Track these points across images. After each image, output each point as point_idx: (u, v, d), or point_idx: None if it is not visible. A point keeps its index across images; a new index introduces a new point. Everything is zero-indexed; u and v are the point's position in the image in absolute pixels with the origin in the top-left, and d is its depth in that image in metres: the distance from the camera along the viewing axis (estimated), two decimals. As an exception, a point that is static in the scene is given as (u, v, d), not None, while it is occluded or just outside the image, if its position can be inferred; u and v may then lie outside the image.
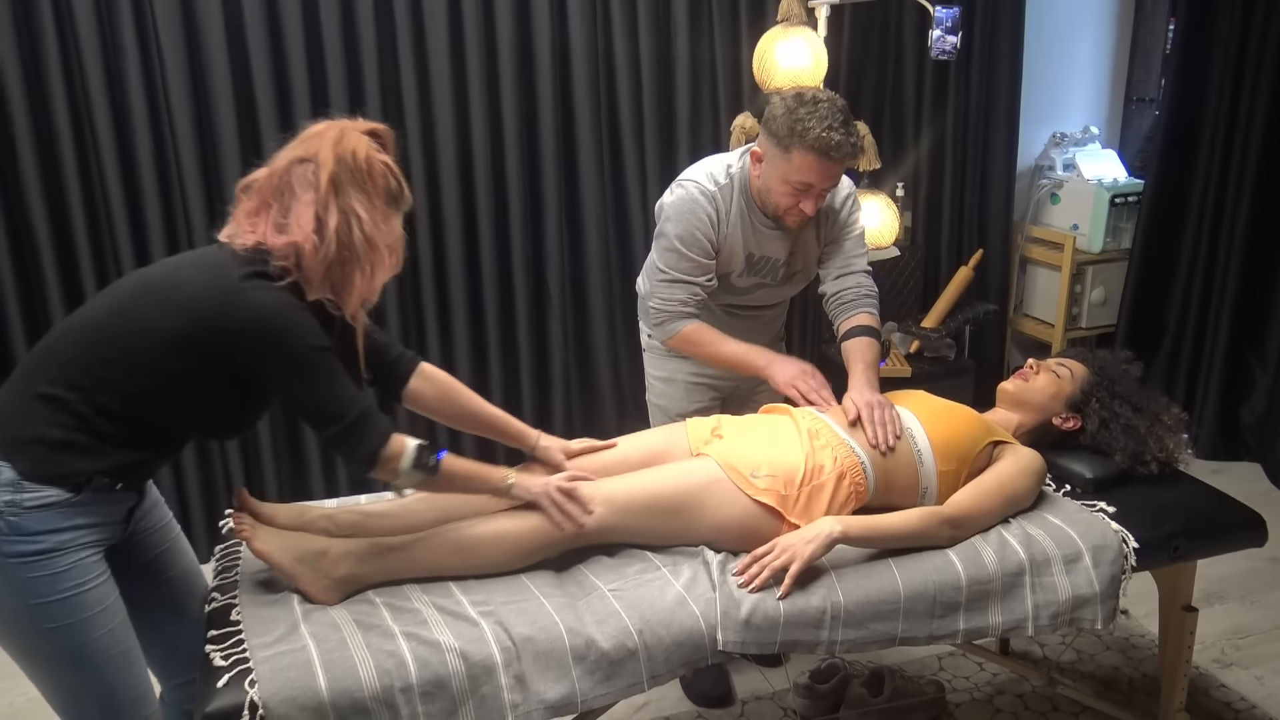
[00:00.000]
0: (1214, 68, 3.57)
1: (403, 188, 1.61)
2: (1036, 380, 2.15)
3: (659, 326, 2.25)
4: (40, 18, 2.69)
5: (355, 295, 1.58)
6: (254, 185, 1.57)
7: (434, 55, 3.04)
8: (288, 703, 1.45)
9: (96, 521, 1.53)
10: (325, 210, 1.51)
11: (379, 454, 1.57)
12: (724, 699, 2.45)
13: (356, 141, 1.55)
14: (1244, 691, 2.45)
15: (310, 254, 1.51)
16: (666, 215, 2.19)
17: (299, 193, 1.52)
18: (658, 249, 2.22)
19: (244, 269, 1.49)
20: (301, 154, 1.54)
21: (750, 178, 2.18)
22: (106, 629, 1.54)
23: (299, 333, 1.50)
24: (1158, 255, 3.76)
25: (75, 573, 1.49)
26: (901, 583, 1.73)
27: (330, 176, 1.51)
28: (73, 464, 1.48)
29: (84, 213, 2.86)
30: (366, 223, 1.53)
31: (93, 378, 1.47)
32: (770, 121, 2.06)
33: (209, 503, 3.15)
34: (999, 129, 3.74)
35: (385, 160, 1.58)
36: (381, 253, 1.57)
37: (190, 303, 1.47)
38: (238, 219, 1.57)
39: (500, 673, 1.54)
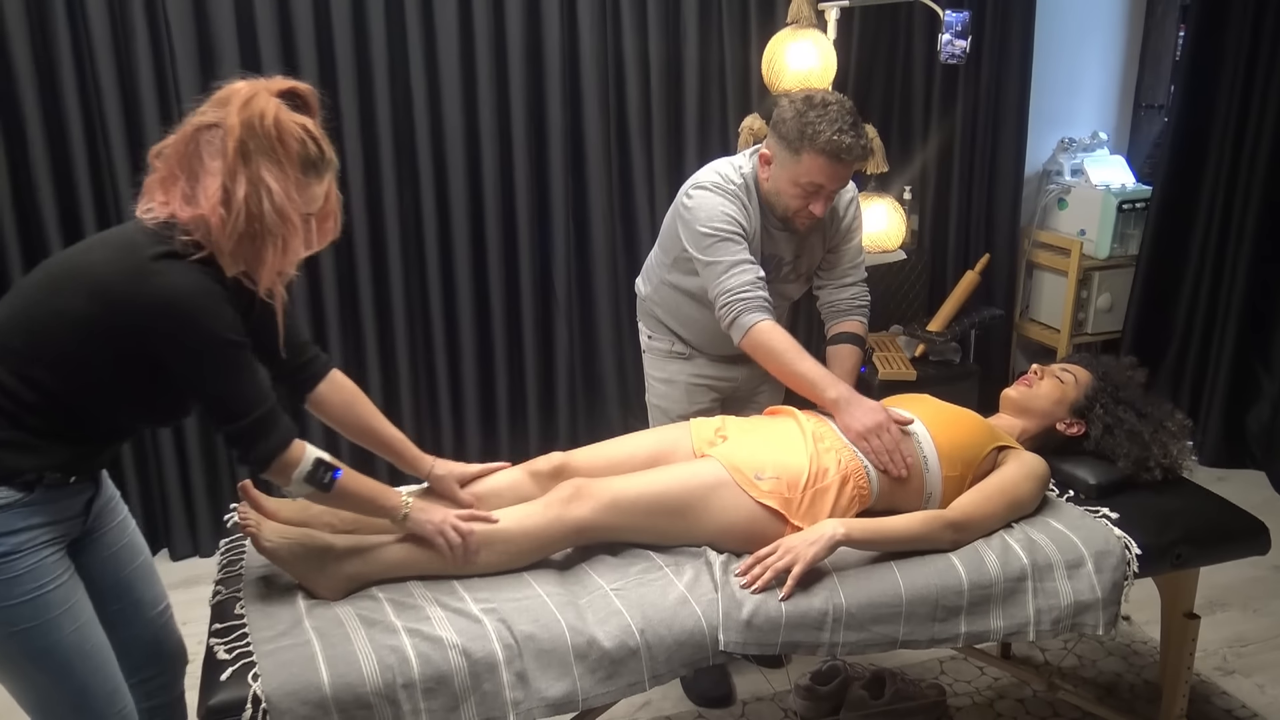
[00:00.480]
0: (1223, 75, 3.56)
1: (323, 151, 1.50)
2: (1041, 386, 2.15)
3: (734, 321, 2.08)
4: (53, 14, 2.71)
5: (268, 270, 1.48)
6: (164, 152, 1.48)
7: (444, 56, 3.05)
8: (290, 697, 1.46)
9: (54, 519, 1.49)
10: (233, 180, 1.41)
11: (276, 458, 1.51)
12: (724, 699, 2.45)
13: (265, 104, 1.43)
14: (1245, 699, 2.45)
15: (218, 227, 1.42)
16: (696, 218, 2.13)
17: (206, 161, 1.43)
18: (702, 248, 2.12)
19: (156, 247, 1.41)
20: (210, 119, 1.44)
21: (759, 179, 2.17)
22: (73, 627, 1.50)
23: (210, 322, 1.42)
24: (1165, 262, 3.75)
25: (37, 573, 1.45)
26: (903, 586, 1.74)
27: (237, 144, 1.41)
28: (16, 462, 1.43)
29: (93, 203, 2.87)
30: (277, 193, 1.43)
31: (15, 374, 1.42)
32: (779, 124, 2.06)
33: (213, 497, 3.16)
34: (1007, 133, 3.74)
35: (301, 123, 1.47)
36: (294, 224, 1.47)
37: (99, 285, 1.40)
38: (150, 189, 1.48)
39: (502, 670, 1.55)
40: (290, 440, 1.53)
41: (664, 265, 2.34)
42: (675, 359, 2.41)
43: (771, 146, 2.11)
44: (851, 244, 2.35)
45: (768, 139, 2.12)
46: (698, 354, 2.40)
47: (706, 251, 2.13)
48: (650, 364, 2.48)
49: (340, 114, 3.00)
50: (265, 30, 2.88)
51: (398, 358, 3.27)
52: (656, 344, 2.43)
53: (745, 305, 2.08)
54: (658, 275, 2.38)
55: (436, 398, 3.36)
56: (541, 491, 1.84)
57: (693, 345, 2.40)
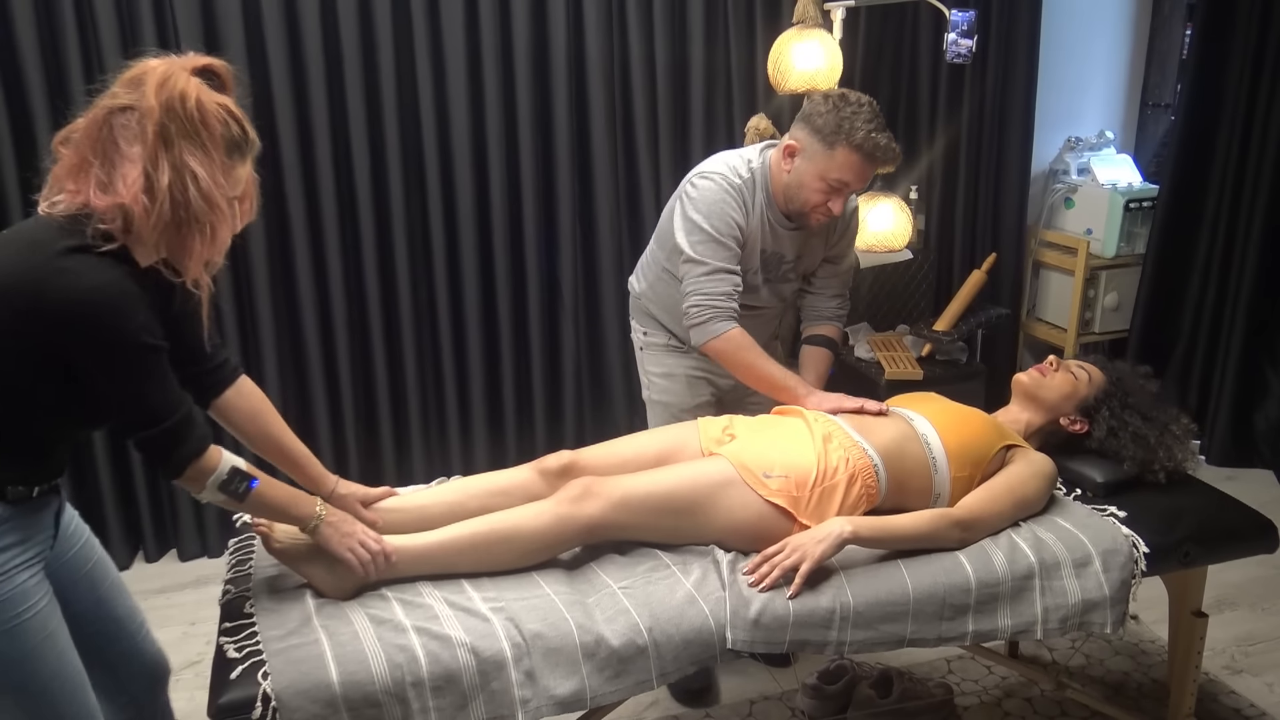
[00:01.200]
0: (1230, 73, 3.56)
1: (246, 132, 1.42)
2: (1054, 377, 2.15)
3: (701, 326, 2.14)
4: (62, 14, 2.72)
5: (195, 260, 1.40)
6: (73, 138, 1.38)
7: (450, 59, 3.06)
8: (300, 695, 1.47)
9: (26, 536, 1.43)
10: (155, 167, 1.33)
11: (190, 465, 1.44)
12: (704, 692, 2.44)
13: (185, 84, 1.35)
14: (1254, 698, 2.45)
15: (141, 216, 1.33)
16: (697, 208, 2.14)
17: (123, 147, 1.34)
18: (691, 242, 2.14)
19: (63, 242, 1.32)
20: (124, 101, 1.35)
21: (775, 172, 2.17)
22: (55, 654, 1.45)
23: (123, 323, 1.33)
24: (1172, 261, 3.75)
25: (16, 599, 1.39)
26: (911, 584, 1.74)
27: (157, 128, 1.32)
28: None
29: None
30: (204, 179, 1.35)
31: None
32: (814, 116, 2.07)
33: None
34: (1014, 133, 3.73)
35: (222, 102, 1.39)
36: (223, 210, 1.40)
37: (3, 285, 1.31)
38: (57, 178, 1.38)
39: (510, 668, 1.56)
40: (205, 447, 1.46)
41: (662, 256, 2.32)
42: (673, 352, 2.41)
43: (801, 139, 2.10)
44: (850, 254, 2.41)
45: (796, 130, 2.12)
46: (694, 348, 2.38)
47: (695, 247, 2.14)
48: (648, 360, 2.47)
49: (348, 117, 3.01)
50: (273, 35, 2.89)
51: (404, 359, 3.28)
52: (654, 339, 2.43)
53: (719, 312, 2.13)
54: (655, 269, 2.37)
55: (443, 398, 3.36)
56: (550, 490, 1.84)
57: (688, 342, 2.34)
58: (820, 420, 1.98)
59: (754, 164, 2.19)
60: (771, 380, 2.17)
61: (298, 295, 3.11)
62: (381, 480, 3.25)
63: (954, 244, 3.81)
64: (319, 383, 3.18)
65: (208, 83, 1.40)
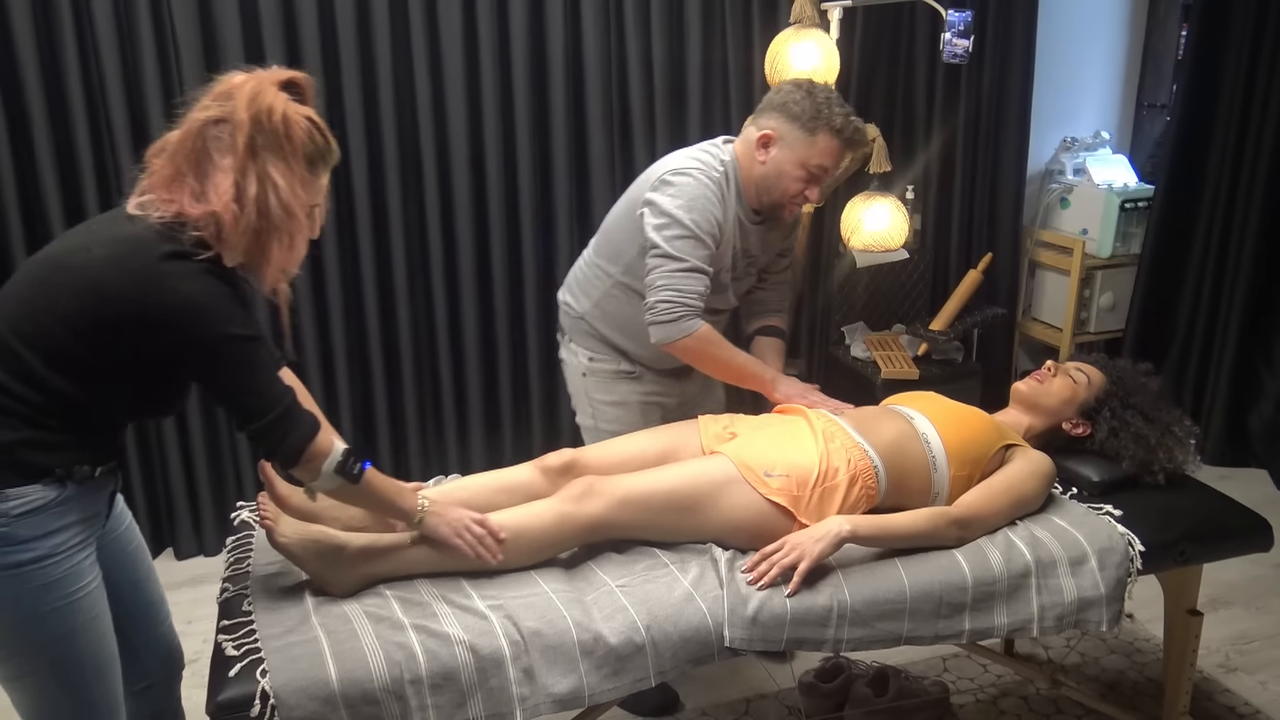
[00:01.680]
0: (1226, 74, 3.57)
1: (329, 144, 1.50)
2: (1053, 383, 2.15)
3: (671, 324, 2.05)
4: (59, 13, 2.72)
5: (273, 267, 1.47)
6: (167, 149, 1.45)
7: (448, 57, 3.06)
8: (299, 693, 1.47)
9: (84, 515, 1.48)
10: (244, 177, 1.41)
11: (304, 450, 1.49)
12: (670, 707, 2.42)
13: (273, 99, 1.42)
14: (1248, 696, 2.46)
15: (230, 224, 1.41)
16: (677, 203, 2.05)
17: (216, 158, 1.42)
18: (667, 237, 2.04)
19: (164, 247, 1.38)
20: (216, 114, 1.42)
21: (745, 165, 2.12)
22: (96, 635, 1.50)
23: (223, 323, 1.41)
24: (1167, 261, 3.76)
25: (72, 578, 1.45)
26: (908, 582, 1.74)
27: (246, 140, 1.40)
28: (44, 460, 1.42)
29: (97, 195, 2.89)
30: (284, 190, 1.43)
31: (13, 375, 1.39)
32: (790, 104, 2.06)
33: (218, 496, 3.18)
34: (1010, 133, 3.74)
35: (307, 115, 1.46)
36: (300, 220, 1.47)
37: (104, 284, 1.37)
38: (153, 187, 1.45)
39: (509, 666, 1.56)
40: (316, 431, 1.51)
41: (616, 270, 2.21)
42: (624, 379, 2.28)
43: (779, 127, 2.07)
44: (794, 247, 2.42)
45: (769, 120, 2.09)
46: (646, 370, 2.30)
47: (671, 242, 2.04)
48: (594, 388, 2.30)
49: (345, 117, 3.01)
50: (270, 35, 2.89)
51: (401, 359, 3.27)
52: (601, 365, 2.28)
53: (690, 310, 2.06)
54: (602, 285, 2.24)
55: (440, 398, 3.36)
56: (552, 487, 1.85)
57: (641, 362, 2.29)
58: (821, 420, 1.98)
59: (726, 161, 2.13)
60: (743, 370, 2.17)
61: (296, 295, 3.10)
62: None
63: (950, 244, 3.81)
64: (315, 382, 3.18)
65: (290, 95, 1.46)
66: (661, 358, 2.24)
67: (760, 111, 2.13)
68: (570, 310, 2.32)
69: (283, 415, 1.47)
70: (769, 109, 2.10)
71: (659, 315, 2.07)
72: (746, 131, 2.15)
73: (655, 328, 2.08)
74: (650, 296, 2.07)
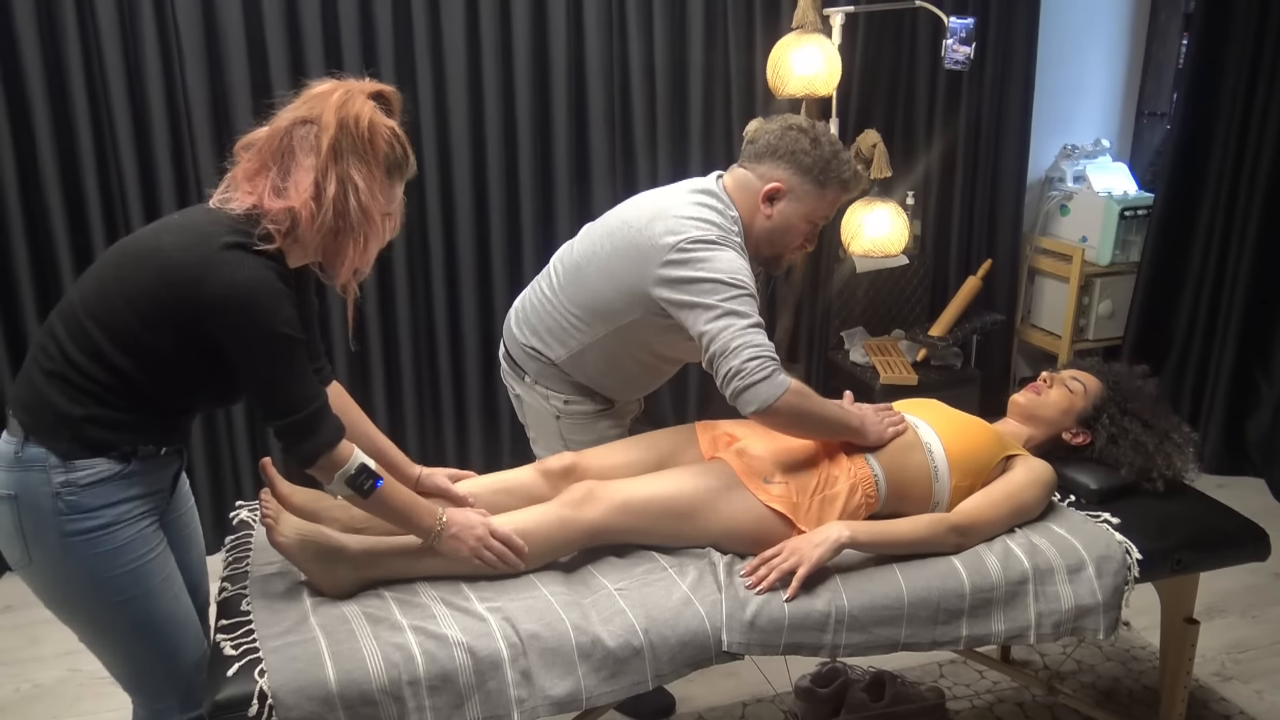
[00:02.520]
0: (1226, 83, 3.58)
1: (407, 154, 1.57)
2: (1049, 395, 2.15)
3: (767, 380, 1.77)
4: (62, 10, 2.72)
5: (347, 266, 1.55)
6: (254, 145, 1.53)
7: (450, 62, 3.07)
8: (296, 693, 1.47)
9: (149, 490, 1.56)
10: (324, 176, 1.47)
11: (325, 454, 1.54)
12: (666, 711, 2.42)
13: (361, 106, 1.50)
14: (1243, 705, 2.46)
15: (307, 220, 1.48)
16: (715, 270, 1.83)
17: (299, 156, 1.49)
18: (724, 299, 1.81)
19: (227, 237, 1.45)
20: (304, 115, 1.50)
21: (749, 215, 1.97)
22: (171, 595, 1.58)
23: (269, 317, 1.45)
24: (1166, 269, 3.76)
25: (137, 544, 1.53)
26: (906, 588, 1.75)
27: (331, 142, 1.47)
28: (110, 437, 1.49)
29: (100, 205, 2.89)
30: (363, 192, 1.49)
31: (85, 353, 1.47)
32: (800, 155, 1.91)
33: (217, 496, 3.18)
34: (1010, 140, 3.75)
35: (391, 126, 1.54)
36: (377, 223, 1.54)
37: (166, 268, 1.45)
38: (236, 179, 1.53)
39: (507, 668, 1.56)
40: (338, 440, 1.56)
41: (603, 330, 2.00)
42: (602, 417, 2.14)
43: (787, 179, 1.93)
44: None
45: (776, 171, 1.93)
46: (616, 404, 2.18)
47: (730, 301, 1.81)
48: (568, 429, 2.13)
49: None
50: (273, 37, 2.90)
51: (401, 361, 3.28)
52: (577, 407, 2.11)
53: (776, 365, 1.80)
54: (584, 337, 2.03)
55: (439, 401, 3.37)
56: (552, 491, 1.85)
57: (615, 399, 2.16)
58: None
59: (733, 214, 1.95)
60: (838, 420, 1.91)
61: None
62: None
63: (950, 250, 3.82)
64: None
65: (379, 105, 1.53)
66: (638, 390, 2.17)
67: (759, 157, 1.95)
68: (538, 356, 2.09)
69: (309, 417, 1.52)
70: (773, 157, 1.93)
71: (751, 376, 1.77)
72: (743, 178, 1.97)
73: (750, 391, 1.77)
74: (729, 361, 1.78)
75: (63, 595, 1.55)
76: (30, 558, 1.51)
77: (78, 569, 1.50)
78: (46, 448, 1.47)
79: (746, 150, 1.99)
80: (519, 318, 2.15)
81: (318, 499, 1.77)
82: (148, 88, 2.83)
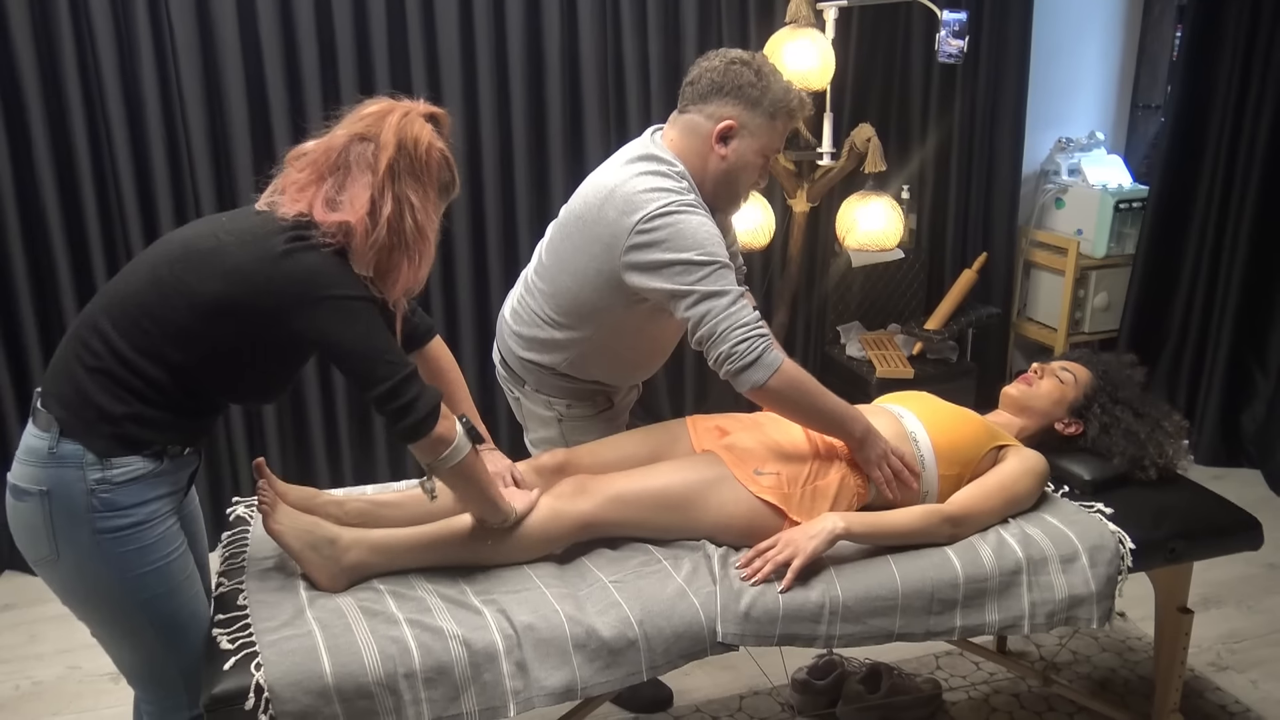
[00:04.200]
0: (1220, 75, 3.58)
1: (454, 177, 1.62)
2: (1041, 386, 2.16)
3: (758, 362, 1.75)
4: (57, 13, 2.72)
5: (401, 283, 1.57)
6: (307, 156, 1.55)
7: (445, 58, 3.07)
8: (293, 686, 1.48)
9: (174, 489, 1.58)
10: (381, 194, 1.50)
11: (433, 417, 1.54)
12: (665, 702, 2.43)
13: (420, 130, 1.54)
14: (1239, 694, 2.47)
15: (361, 235, 1.50)
16: (680, 245, 1.77)
17: (356, 172, 1.52)
18: (695, 279, 1.76)
19: (289, 233, 1.48)
20: (362, 131, 1.53)
21: (700, 160, 1.89)
22: (192, 593, 1.61)
23: (345, 286, 1.49)
24: (1161, 261, 3.77)
25: (163, 542, 1.55)
26: (900, 579, 1.75)
27: (389, 161, 1.50)
28: (147, 435, 1.50)
29: (97, 204, 2.89)
30: (419, 210, 1.54)
31: (138, 350, 1.48)
32: (748, 89, 1.84)
33: (214, 492, 3.19)
34: (1005, 133, 3.75)
35: (442, 148, 1.58)
36: (430, 241, 1.57)
37: (235, 270, 1.46)
38: (284, 188, 1.55)
39: (502, 660, 1.57)
40: (440, 397, 1.56)
41: (588, 330, 1.96)
42: (603, 418, 2.12)
43: (738, 115, 1.85)
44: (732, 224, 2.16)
45: (724, 108, 1.86)
46: (616, 391, 2.14)
47: (703, 281, 1.76)
48: (572, 431, 2.11)
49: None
50: (267, 31, 2.90)
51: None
52: (579, 410, 2.09)
53: (767, 341, 1.78)
54: (580, 334, 1.98)
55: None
56: (545, 487, 1.85)
57: (617, 389, 2.13)
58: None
59: (678, 169, 1.87)
60: (836, 414, 1.84)
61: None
62: (374, 474, 3.29)
63: (945, 243, 3.83)
64: (312, 379, 3.18)
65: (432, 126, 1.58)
66: (637, 374, 2.16)
67: (704, 97, 1.87)
68: (537, 367, 2.05)
69: (409, 377, 1.53)
70: (719, 95, 1.85)
71: (742, 359, 1.75)
72: (689, 123, 1.89)
73: (743, 374, 1.76)
74: (718, 347, 1.77)
75: (87, 592, 1.55)
76: (58, 554, 1.51)
77: (106, 566, 1.51)
78: (83, 444, 1.47)
79: (687, 92, 1.91)
80: (510, 330, 2.10)
81: (312, 496, 1.78)
82: (144, 94, 2.82)
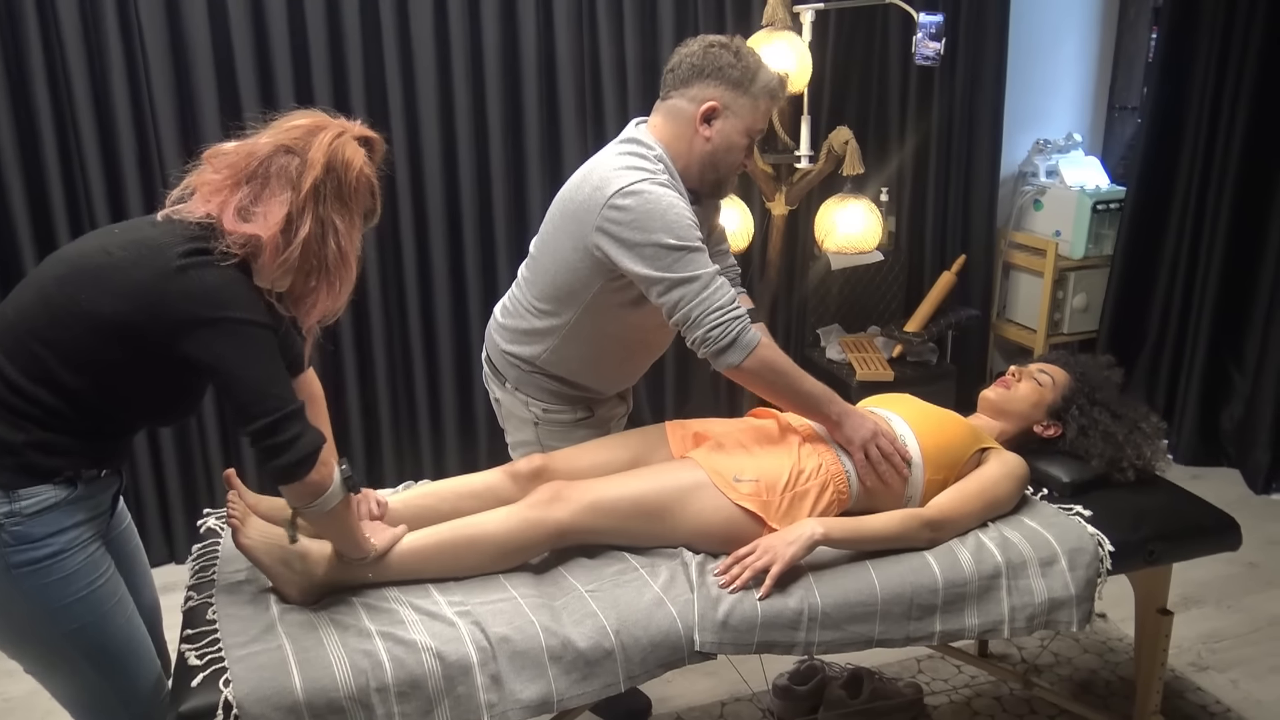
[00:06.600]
0: (1195, 76, 3.60)
1: (377, 205, 1.55)
2: (1019, 389, 2.16)
3: (735, 344, 1.80)
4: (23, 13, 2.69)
5: (319, 308, 1.51)
6: (225, 157, 1.47)
7: (420, 60, 3.05)
8: (262, 702, 1.45)
9: (92, 514, 1.52)
10: (300, 214, 1.44)
11: (310, 460, 1.45)
12: (641, 713, 2.41)
13: (353, 154, 1.48)
14: (1219, 694, 2.47)
15: (270, 252, 1.43)
16: (652, 228, 1.78)
17: (275, 186, 1.44)
18: (667, 265, 1.78)
19: (183, 246, 1.40)
20: (288, 144, 1.45)
21: (684, 144, 1.91)
22: (124, 618, 1.55)
23: (243, 308, 1.41)
24: (1139, 262, 3.79)
25: (87, 569, 1.49)
26: (879, 584, 1.74)
27: (315, 182, 1.43)
28: (50, 462, 1.44)
29: (66, 208, 2.85)
30: (343, 236, 1.47)
31: (30, 377, 1.41)
32: (727, 69, 1.86)
33: (189, 504, 3.15)
34: (983, 135, 3.76)
35: (370, 175, 1.52)
36: (352, 268, 1.50)
37: (128, 285, 1.39)
38: (196, 186, 1.47)
39: (476, 672, 1.54)
40: (322, 441, 1.49)
41: (570, 315, 1.96)
42: (581, 426, 2.10)
43: (721, 96, 1.87)
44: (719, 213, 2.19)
45: (708, 90, 1.87)
46: (598, 401, 2.12)
47: (675, 267, 1.78)
48: (548, 436, 2.09)
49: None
50: (239, 34, 2.87)
51: (375, 361, 3.26)
52: (557, 415, 2.08)
53: (743, 323, 1.81)
54: (559, 319, 1.98)
55: (414, 401, 3.34)
56: (521, 494, 1.83)
57: (598, 395, 2.12)
58: (795, 423, 1.98)
59: (655, 151, 1.89)
60: (813, 396, 1.89)
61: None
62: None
63: (924, 245, 3.83)
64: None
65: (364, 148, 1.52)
66: (620, 380, 2.15)
67: (686, 81, 1.89)
68: (518, 362, 2.06)
69: (292, 415, 1.44)
70: (701, 77, 1.87)
71: (717, 343, 1.80)
72: (673, 108, 1.91)
73: (721, 358, 1.81)
74: (694, 332, 1.81)
75: (12, 630, 1.49)
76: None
77: (27, 601, 1.45)
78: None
79: (668, 79, 1.93)
80: (498, 324, 2.13)
81: (282, 508, 1.74)
82: (113, 93, 2.79)
